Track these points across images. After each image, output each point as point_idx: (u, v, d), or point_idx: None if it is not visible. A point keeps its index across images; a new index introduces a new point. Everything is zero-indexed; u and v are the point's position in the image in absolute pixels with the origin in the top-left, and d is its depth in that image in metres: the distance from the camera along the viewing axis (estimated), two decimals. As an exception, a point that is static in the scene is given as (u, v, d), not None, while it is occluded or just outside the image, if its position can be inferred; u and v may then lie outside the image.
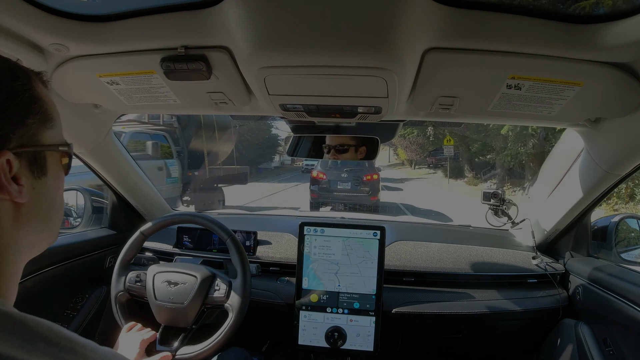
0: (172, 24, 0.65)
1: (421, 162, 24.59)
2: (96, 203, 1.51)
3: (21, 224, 0.40)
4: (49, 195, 0.44)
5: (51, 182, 0.44)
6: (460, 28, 0.61)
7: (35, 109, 0.41)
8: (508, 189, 11.36)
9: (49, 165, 0.43)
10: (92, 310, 1.31)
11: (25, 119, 0.40)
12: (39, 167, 0.42)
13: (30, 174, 0.41)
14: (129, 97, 0.90)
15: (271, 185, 14.58)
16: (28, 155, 0.40)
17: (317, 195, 7.63)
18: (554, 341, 1.19)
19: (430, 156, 22.33)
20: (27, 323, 0.33)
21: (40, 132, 0.42)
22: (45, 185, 0.43)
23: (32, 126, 0.41)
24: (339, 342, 1.10)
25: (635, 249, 1.26)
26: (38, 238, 0.43)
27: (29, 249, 0.43)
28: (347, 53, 0.62)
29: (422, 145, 21.09)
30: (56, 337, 0.33)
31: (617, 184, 1.05)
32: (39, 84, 0.44)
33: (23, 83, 0.41)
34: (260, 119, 1.24)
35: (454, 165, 17.30)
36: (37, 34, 0.66)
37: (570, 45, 0.62)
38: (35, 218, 0.42)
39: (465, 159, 16.38)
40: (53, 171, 0.44)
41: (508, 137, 11.09)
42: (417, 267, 1.28)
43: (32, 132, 0.41)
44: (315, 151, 1.24)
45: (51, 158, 0.44)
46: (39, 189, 0.42)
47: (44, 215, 0.43)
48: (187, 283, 1.01)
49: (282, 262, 1.32)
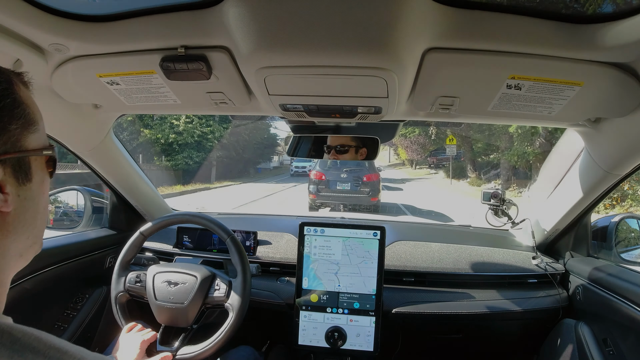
0: (172, 24, 0.65)
1: (422, 162, 24.30)
2: (96, 203, 1.51)
3: (8, 232, 0.39)
4: (34, 201, 0.43)
5: (36, 188, 0.43)
6: (460, 28, 0.61)
7: (17, 114, 0.40)
8: (514, 189, 11.25)
9: (33, 171, 0.42)
10: (92, 310, 1.31)
11: (8, 125, 0.39)
12: (23, 173, 0.41)
13: (14, 181, 0.40)
14: (129, 97, 0.90)
15: (269, 186, 14.14)
16: (12, 161, 0.39)
17: (316, 196, 7.45)
18: (554, 341, 1.19)
19: (431, 156, 22.00)
20: (14, 334, 0.33)
21: (23, 137, 0.41)
22: (30, 191, 0.42)
23: (14, 132, 0.39)
24: (339, 342, 1.10)
25: (635, 249, 1.26)
26: (24, 245, 0.42)
27: (16, 259, 0.42)
28: (347, 53, 0.62)
29: (423, 145, 20.69)
30: (44, 348, 0.33)
31: (617, 184, 1.05)
32: (20, 86, 0.42)
33: (4, 88, 0.39)
34: (260, 119, 1.23)
35: (456, 165, 16.81)
36: (37, 34, 0.66)
37: (570, 45, 0.62)
38: (22, 225, 0.41)
39: (468, 159, 16.00)
40: (38, 176, 0.43)
41: (514, 136, 10.93)
42: (417, 267, 1.28)
43: (15, 137, 0.40)
44: (316, 151, 1.24)
45: (35, 163, 0.43)
46: (24, 195, 0.41)
47: (30, 222, 0.42)
48: (187, 283, 1.01)
49: (282, 262, 1.32)
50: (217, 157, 17.38)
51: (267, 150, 23.07)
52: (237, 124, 17.58)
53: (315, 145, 1.24)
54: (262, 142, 21.49)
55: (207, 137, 16.25)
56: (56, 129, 1.05)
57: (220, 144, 17.17)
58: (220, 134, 16.96)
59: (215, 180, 16.63)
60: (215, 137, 16.60)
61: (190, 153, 15.67)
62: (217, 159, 17.39)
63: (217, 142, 16.87)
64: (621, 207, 7.16)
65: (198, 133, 15.76)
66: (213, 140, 16.53)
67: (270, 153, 24.26)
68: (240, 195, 10.64)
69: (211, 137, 16.41)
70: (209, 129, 16.24)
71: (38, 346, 0.33)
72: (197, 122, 15.56)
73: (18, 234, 0.41)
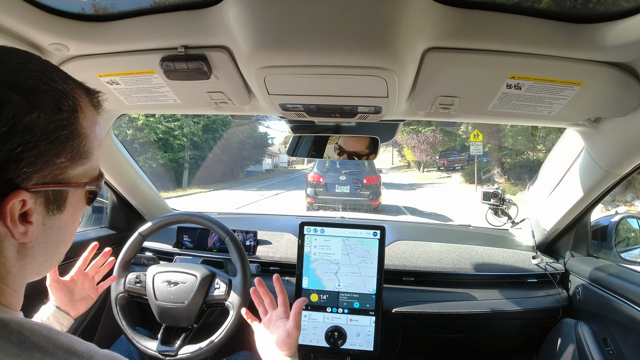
0: (172, 24, 0.65)
1: (429, 165, 21.76)
2: (96, 203, 1.50)
3: (25, 256, 0.37)
4: (61, 230, 0.40)
5: (66, 218, 0.40)
6: (460, 28, 0.61)
7: (70, 147, 0.36)
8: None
9: (68, 203, 0.39)
10: (92, 310, 1.31)
11: (55, 159, 0.35)
12: (56, 205, 0.38)
13: (44, 210, 0.37)
14: (129, 96, 0.90)
15: (244, 194, 11.73)
16: (47, 193, 0.36)
17: (314, 199, 7.11)
18: (554, 341, 1.19)
19: (441, 157, 19.56)
20: (24, 332, 0.32)
21: (69, 170, 0.37)
22: (58, 221, 0.39)
23: (60, 165, 0.36)
24: (339, 341, 1.10)
25: (635, 249, 1.26)
26: (42, 267, 0.40)
27: (32, 275, 0.40)
28: (347, 53, 0.62)
29: (433, 145, 18.71)
30: (52, 347, 0.33)
31: (616, 183, 1.05)
32: (86, 113, 0.39)
33: (65, 118, 0.35)
34: (256, 119, 1.21)
35: (470, 168, 14.04)
36: (37, 34, 0.66)
37: (570, 45, 0.62)
38: (42, 252, 0.39)
39: (496, 160, 12.86)
40: (72, 207, 0.40)
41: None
42: (417, 266, 1.28)
43: (60, 170, 0.36)
44: (316, 151, 1.24)
45: (74, 195, 0.39)
46: (50, 224, 0.38)
47: (51, 249, 0.40)
48: (187, 282, 1.01)
49: (282, 261, 1.33)
50: (191, 158, 14.56)
51: (255, 152, 20.31)
52: (213, 119, 14.90)
53: (315, 144, 1.24)
54: (249, 141, 18.94)
55: (174, 134, 13.44)
56: None
57: (192, 142, 14.41)
58: (191, 130, 14.04)
59: (190, 185, 14.25)
60: (185, 133, 13.75)
61: (154, 153, 13.13)
62: (189, 160, 14.55)
63: (188, 140, 14.08)
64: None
65: (163, 129, 13.10)
66: (181, 137, 13.70)
67: (260, 154, 21.58)
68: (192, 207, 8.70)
69: (179, 133, 13.54)
70: (176, 123, 13.40)
71: (46, 346, 0.33)
72: (160, 116, 12.78)
73: (35, 258, 0.39)
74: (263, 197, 11.16)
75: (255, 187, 14.80)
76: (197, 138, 14.60)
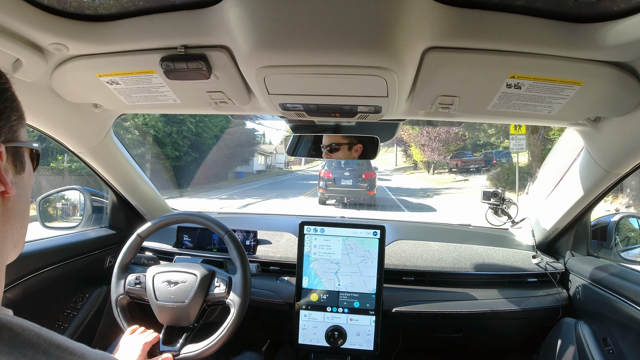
0: (171, 24, 0.65)
1: (440, 166, 18.98)
2: (96, 202, 1.51)
3: (8, 217, 0.41)
4: (25, 190, 0.44)
5: (27, 178, 0.45)
6: (460, 27, 0.61)
7: (15, 107, 0.42)
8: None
9: (25, 162, 0.44)
10: (92, 310, 1.31)
11: (10, 116, 0.41)
12: (20, 163, 0.43)
13: (14, 168, 0.42)
14: (128, 96, 0.90)
15: (208, 203, 10.04)
16: (12, 150, 0.42)
17: (325, 190, 9.38)
18: (554, 340, 1.19)
19: (453, 158, 17.18)
20: (14, 329, 0.32)
21: (18, 129, 0.43)
22: (23, 180, 0.44)
23: (14, 122, 0.42)
24: (339, 341, 1.10)
25: (635, 248, 1.26)
26: (18, 235, 0.44)
27: (10, 248, 0.43)
28: (346, 52, 0.62)
29: (446, 142, 16.28)
30: (44, 344, 0.33)
31: (616, 183, 1.05)
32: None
33: (4, 81, 0.41)
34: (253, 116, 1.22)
35: (503, 170, 11.22)
36: (37, 34, 0.66)
37: (570, 45, 0.62)
38: (19, 213, 0.43)
39: (537, 159, 9.94)
40: (27, 168, 0.45)
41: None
42: (417, 266, 1.28)
43: (14, 128, 0.42)
44: (315, 150, 1.24)
45: (26, 154, 0.45)
46: (20, 184, 0.43)
47: (23, 211, 0.44)
48: (187, 281, 1.01)
49: (282, 261, 1.33)
50: (153, 156, 11.75)
51: (241, 150, 17.21)
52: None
53: (315, 144, 1.24)
54: (229, 137, 15.48)
55: (124, 125, 10.18)
56: (56, 128, 1.05)
57: (155, 138, 11.31)
58: (156, 122, 11.15)
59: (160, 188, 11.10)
60: (137, 124, 10.43)
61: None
62: (151, 160, 11.76)
63: (141, 135, 10.87)
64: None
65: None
66: (133, 130, 10.51)
67: (249, 154, 18.72)
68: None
69: (130, 124, 10.31)
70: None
71: (38, 342, 0.33)
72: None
73: (16, 221, 0.42)
74: (232, 207, 9.33)
75: (230, 191, 12.52)
76: (154, 131, 11.42)
